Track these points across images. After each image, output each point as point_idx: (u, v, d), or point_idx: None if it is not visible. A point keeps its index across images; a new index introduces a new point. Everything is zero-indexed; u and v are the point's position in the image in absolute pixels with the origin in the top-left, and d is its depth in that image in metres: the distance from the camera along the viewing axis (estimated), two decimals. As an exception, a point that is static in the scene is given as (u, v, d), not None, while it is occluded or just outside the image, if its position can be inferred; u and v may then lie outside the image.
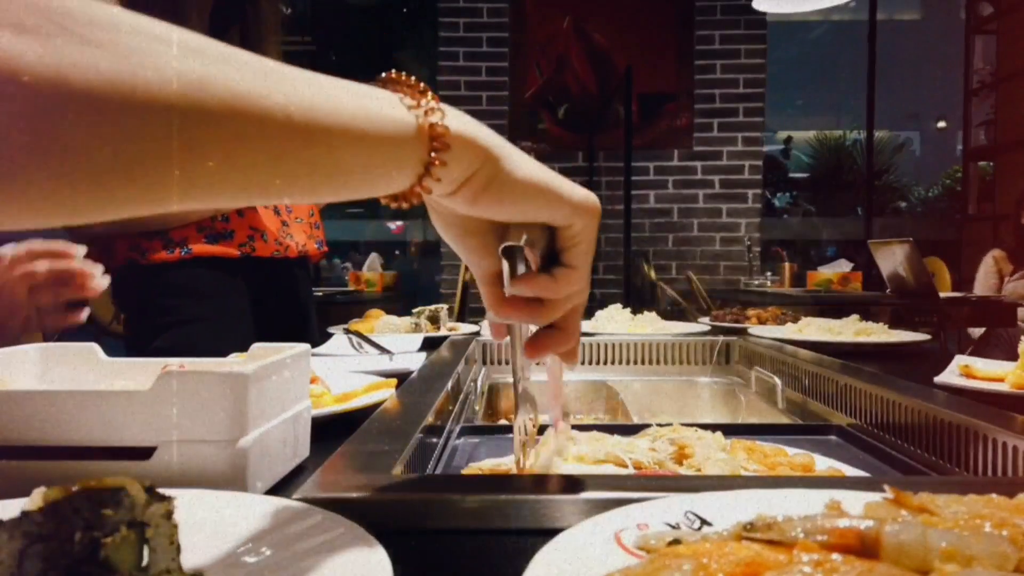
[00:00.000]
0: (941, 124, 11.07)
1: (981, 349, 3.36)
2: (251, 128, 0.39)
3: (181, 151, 0.37)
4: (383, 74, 0.49)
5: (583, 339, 1.54)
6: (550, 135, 4.66)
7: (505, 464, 0.72)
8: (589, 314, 1.81)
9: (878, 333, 1.42)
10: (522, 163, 0.50)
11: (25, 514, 0.32)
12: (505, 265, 0.53)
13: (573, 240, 0.53)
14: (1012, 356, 1.01)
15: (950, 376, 0.99)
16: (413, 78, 0.49)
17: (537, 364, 0.61)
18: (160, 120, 0.36)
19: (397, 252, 7.26)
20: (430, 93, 0.48)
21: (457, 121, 0.48)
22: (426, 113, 0.46)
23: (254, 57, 0.40)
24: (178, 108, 0.36)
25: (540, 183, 0.50)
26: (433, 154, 0.46)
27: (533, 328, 0.57)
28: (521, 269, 0.52)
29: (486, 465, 0.74)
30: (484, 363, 1.52)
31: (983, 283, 3.81)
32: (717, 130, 4.67)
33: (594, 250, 0.54)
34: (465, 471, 0.75)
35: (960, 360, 1.04)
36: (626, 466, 0.68)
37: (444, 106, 0.48)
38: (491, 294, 0.56)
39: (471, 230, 0.53)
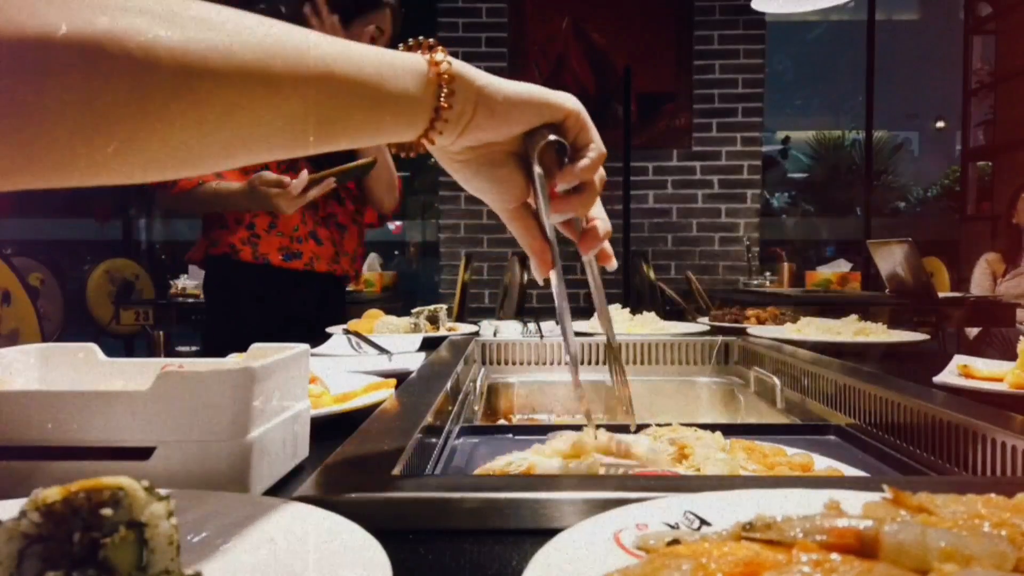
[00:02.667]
0: (940, 124, 11.08)
1: (977, 349, 3.36)
2: (313, 82, 0.46)
3: (260, 108, 0.44)
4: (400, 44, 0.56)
5: (582, 339, 1.54)
6: (549, 135, 4.66)
7: (516, 462, 0.72)
8: (588, 314, 1.81)
9: (877, 333, 1.42)
10: (505, 83, 0.57)
11: (24, 514, 0.32)
12: (539, 176, 0.59)
13: (576, 125, 0.60)
14: (1008, 356, 1.01)
15: (949, 376, 0.99)
16: (421, 38, 0.56)
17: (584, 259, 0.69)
18: (249, 84, 0.42)
19: (396, 252, 7.27)
20: (431, 40, 0.55)
21: (458, 65, 0.54)
22: (431, 59, 0.53)
23: (294, 27, 0.46)
24: (261, 74, 0.43)
25: (527, 93, 0.58)
26: (442, 96, 0.53)
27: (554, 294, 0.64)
28: (565, 163, 0.60)
29: (498, 465, 0.73)
30: (483, 363, 1.52)
31: (978, 284, 3.82)
32: (716, 130, 4.67)
33: (594, 127, 0.62)
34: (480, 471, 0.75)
35: (959, 360, 1.04)
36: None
37: (443, 51, 0.54)
38: (525, 226, 0.63)
39: (494, 162, 0.60)
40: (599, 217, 0.67)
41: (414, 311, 1.71)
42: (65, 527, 0.32)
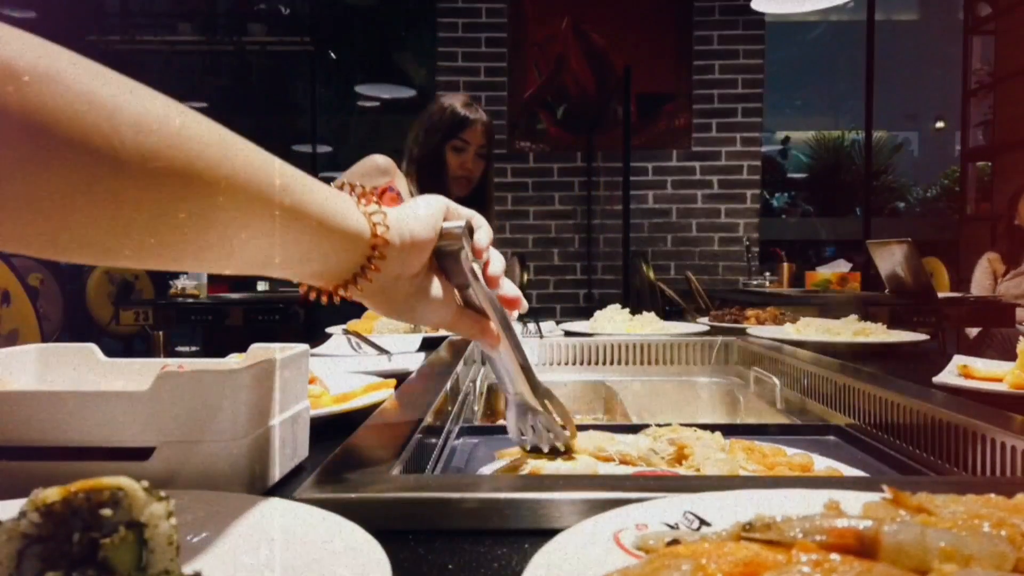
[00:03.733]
0: (939, 124, 11.08)
1: (976, 349, 3.36)
2: (214, 199, 0.42)
3: (181, 219, 0.40)
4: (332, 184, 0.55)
5: (582, 339, 1.54)
6: (549, 135, 4.66)
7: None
8: (588, 314, 1.81)
9: (876, 333, 1.42)
10: (414, 216, 0.58)
11: (24, 515, 0.32)
12: (475, 268, 0.64)
13: (451, 212, 0.63)
14: (1008, 356, 1.01)
15: (949, 376, 0.99)
16: (364, 187, 0.57)
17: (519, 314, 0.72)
18: (168, 188, 0.39)
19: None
20: (375, 197, 0.56)
21: (394, 230, 0.55)
22: (373, 226, 0.53)
23: (246, 143, 0.45)
24: (185, 179, 0.40)
25: (433, 217, 0.60)
26: (374, 255, 0.53)
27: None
28: (469, 278, 0.63)
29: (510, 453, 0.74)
30: (483, 363, 1.52)
31: (978, 284, 3.82)
32: (716, 130, 4.67)
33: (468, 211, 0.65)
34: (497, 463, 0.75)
35: (959, 360, 1.04)
36: (612, 460, 0.69)
37: (386, 209, 0.55)
38: (470, 323, 0.65)
39: (423, 289, 0.61)
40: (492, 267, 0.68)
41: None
42: (65, 527, 0.32)
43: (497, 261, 0.67)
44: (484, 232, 0.66)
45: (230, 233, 0.43)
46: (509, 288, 0.68)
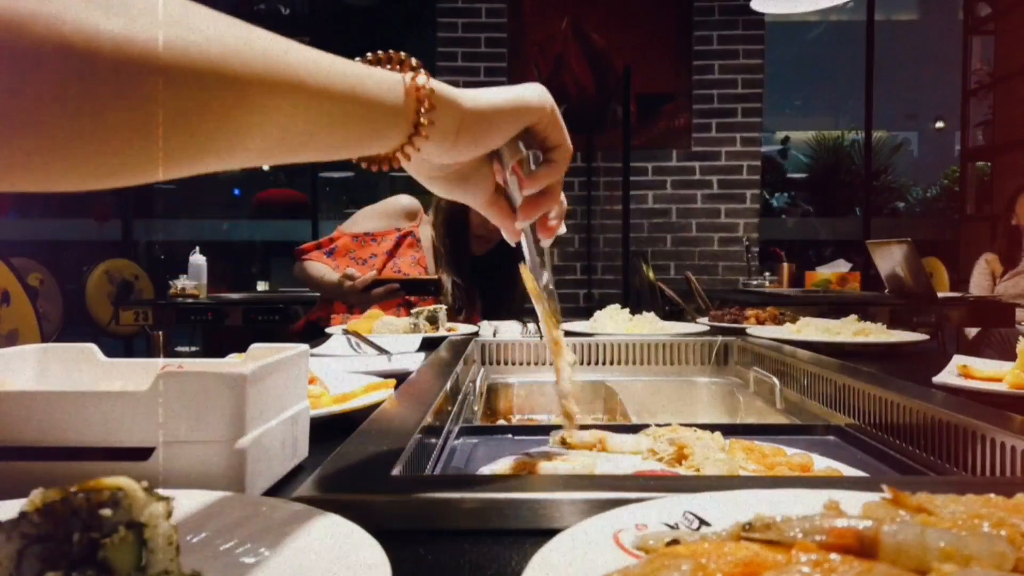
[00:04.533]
0: (939, 124, 11.08)
1: (976, 349, 3.36)
2: (283, 86, 0.42)
3: (221, 110, 0.39)
4: (368, 54, 0.54)
5: (582, 339, 1.54)
6: (548, 135, 4.65)
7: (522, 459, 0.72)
8: (588, 315, 1.81)
9: (876, 333, 1.42)
10: (483, 96, 0.57)
11: (23, 515, 0.32)
12: (512, 180, 0.62)
13: (548, 126, 0.61)
14: (1007, 356, 1.01)
15: (948, 376, 0.99)
16: (402, 53, 0.54)
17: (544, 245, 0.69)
18: (203, 84, 0.38)
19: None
20: (413, 60, 0.53)
21: (439, 84, 0.53)
22: (413, 77, 0.52)
23: (267, 32, 0.43)
24: (219, 74, 0.38)
25: (506, 103, 0.58)
26: (422, 116, 0.51)
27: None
28: (533, 168, 0.62)
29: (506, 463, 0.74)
30: (483, 363, 1.52)
31: (977, 285, 3.82)
32: (715, 130, 4.67)
33: (562, 122, 0.63)
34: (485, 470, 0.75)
35: (958, 360, 1.04)
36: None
37: (426, 73, 0.53)
38: (502, 210, 0.65)
39: (467, 171, 0.61)
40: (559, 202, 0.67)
41: (413, 311, 1.71)
42: (64, 527, 0.32)
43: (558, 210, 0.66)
44: (554, 168, 0.62)
45: (259, 120, 0.42)
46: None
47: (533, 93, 0.60)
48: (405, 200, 2.27)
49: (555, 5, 4.66)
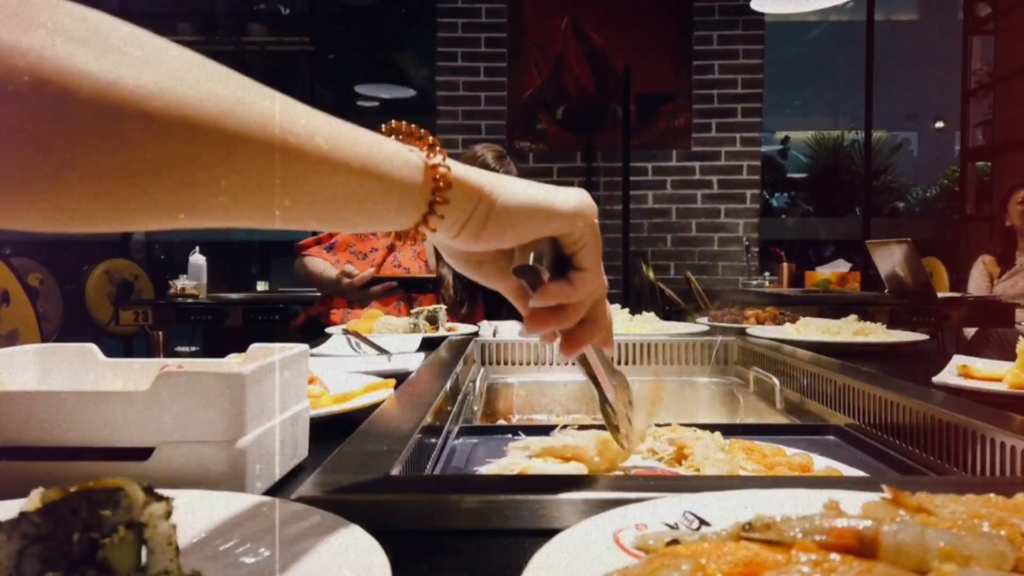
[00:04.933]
0: (939, 124, 11.08)
1: (975, 349, 3.37)
2: (277, 151, 0.40)
3: (207, 167, 0.38)
4: (385, 124, 0.52)
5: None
6: (548, 135, 4.66)
7: (521, 464, 0.72)
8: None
9: (876, 333, 1.42)
10: (514, 190, 0.52)
11: (23, 515, 0.32)
12: (523, 283, 0.55)
13: (577, 244, 0.55)
14: (1007, 356, 1.01)
15: (948, 376, 0.99)
16: (414, 125, 0.52)
17: (574, 362, 0.64)
18: (196, 137, 0.36)
19: (395, 252, 7.24)
20: (431, 137, 0.51)
21: (455, 165, 0.50)
22: (429, 155, 0.49)
23: (282, 96, 0.41)
24: (209, 127, 0.37)
25: (533, 204, 0.52)
26: (436, 194, 0.49)
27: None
28: (538, 283, 0.55)
29: (503, 463, 0.74)
30: (483, 363, 1.52)
31: (975, 286, 3.82)
32: (715, 130, 4.67)
33: (600, 245, 0.57)
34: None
35: (958, 360, 1.04)
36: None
37: (442, 151, 0.51)
38: (519, 298, 0.59)
39: (484, 260, 0.57)
40: (593, 321, 0.60)
41: (413, 311, 1.71)
42: (64, 527, 0.32)
43: (593, 329, 0.60)
44: (569, 288, 0.56)
45: (279, 188, 0.41)
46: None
47: (572, 200, 0.54)
48: None
49: (555, 5, 4.66)
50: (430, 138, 0.51)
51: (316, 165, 0.42)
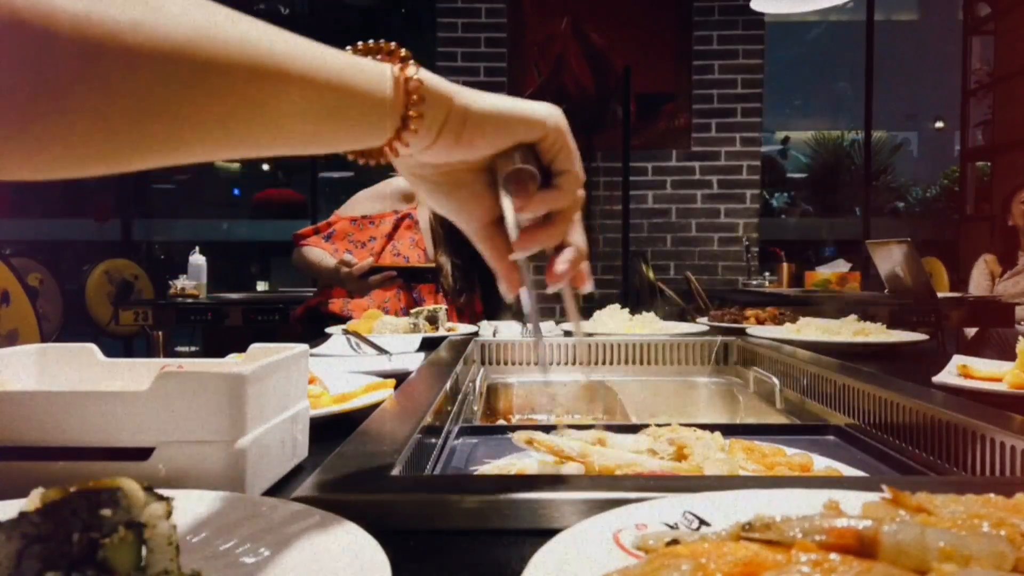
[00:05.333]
0: (939, 124, 11.08)
1: (975, 349, 3.37)
2: (255, 73, 0.40)
3: (189, 98, 0.38)
4: (359, 43, 0.51)
5: (582, 339, 1.54)
6: (548, 135, 4.65)
7: (519, 465, 0.72)
8: (587, 315, 1.81)
9: (876, 333, 1.42)
10: (486, 97, 0.53)
11: (23, 515, 0.32)
12: (507, 203, 0.55)
13: (555, 147, 0.55)
14: (1007, 356, 1.01)
15: (948, 376, 0.99)
16: (383, 41, 0.51)
17: (549, 291, 0.61)
18: (170, 69, 0.36)
19: (395, 252, 7.24)
20: (402, 51, 0.50)
21: (428, 76, 0.50)
22: (401, 68, 0.49)
23: (255, 20, 0.42)
24: (187, 58, 0.37)
25: (507, 110, 0.53)
26: (409, 108, 0.48)
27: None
28: (532, 191, 0.54)
29: (501, 464, 0.74)
30: (483, 363, 1.52)
31: (976, 285, 3.83)
32: (715, 130, 4.67)
33: (576, 149, 0.56)
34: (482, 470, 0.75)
35: (958, 360, 1.04)
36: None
37: (415, 64, 0.50)
38: (493, 246, 0.58)
39: (459, 182, 0.56)
40: (572, 243, 0.59)
41: (413, 311, 1.71)
42: (64, 527, 0.32)
43: (573, 251, 0.58)
44: (559, 193, 0.55)
45: (237, 109, 0.41)
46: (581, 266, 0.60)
47: (542, 108, 0.55)
48: (401, 182, 2.24)
49: (555, 5, 4.66)
50: (402, 51, 0.50)
51: (291, 84, 0.42)
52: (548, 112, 0.55)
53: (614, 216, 4.59)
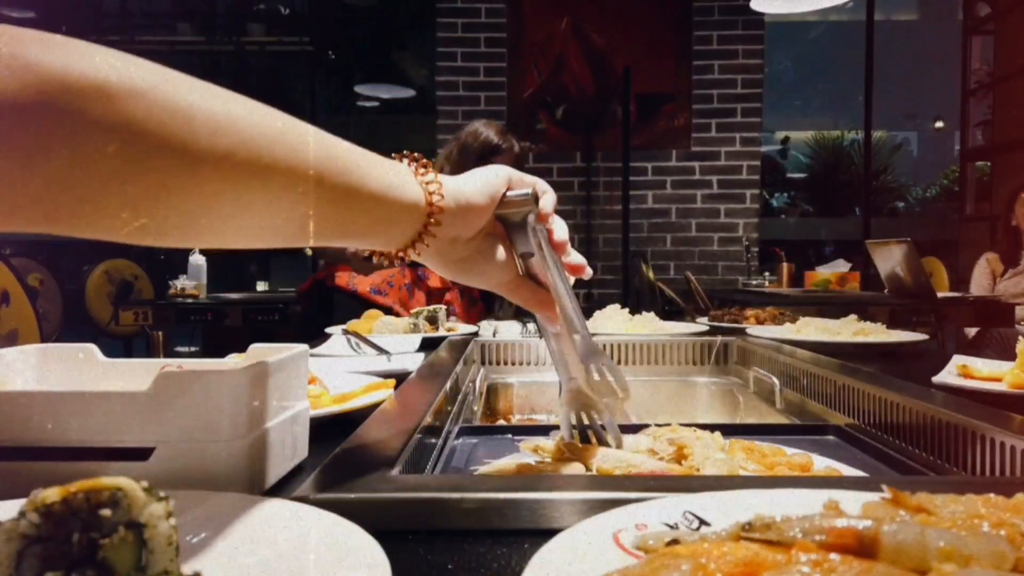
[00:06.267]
0: (938, 124, 11.09)
1: (976, 348, 3.37)
2: (300, 184, 0.46)
3: (242, 194, 0.44)
4: (393, 155, 0.58)
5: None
6: (548, 135, 4.66)
7: (519, 465, 0.72)
8: (588, 314, 1.81)
9: (876, 333, 1.42)
10: (472, 183, 0.60)
11: (23, 515, 0.32)
12: (520, 264, 0.66)
13: (517, 183, 0.64)
14: (1007, 356, 1.01)
15: (948, 376, 0.99)
16: (418, 155, 0.59)
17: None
18: (214, 180, 0.42)
19: (395, 252, 7.25)
20: (431, 166, 0.58)
21: (449, 197, 0.58)
22: (427, 183, 0.56)
23: (315, 130, 0.48)
24: (243, 159, 0.43)
25: (490, 185, 0.62)
26: (430, 222, 0.56)
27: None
28: (533, 246, 0.65)
29: (502, 463, 0.73)
30: (483, 363, 1.52)
31: (977, 284, 3.83)
32: (715, 130, 4.67)
33: (528, 177, 0.66)
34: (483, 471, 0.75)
35: (958, 360, 1.04)
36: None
37: (442, 178, 0.58)
38: (521, 296, 0.67)
39: (475, 253, 0.63)
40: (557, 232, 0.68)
41: (413, 311, 1.71)
42: (64, 528, 0.32)
43: (561, 227, 0.67)
44: (549, 198, 0.66)
45: (296, 214, 0.47)
46: (575, 255, 0.69)
47: (494, 169, 0.64)
48: None
49: (555, 5, 4.66)
50: (431, 167, 0.58)
51: (334, 194, 0.49)
52: (498, 169, 0.64)
53: (614, 216, 4.59)
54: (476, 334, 1.62)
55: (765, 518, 0.36)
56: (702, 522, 0.43)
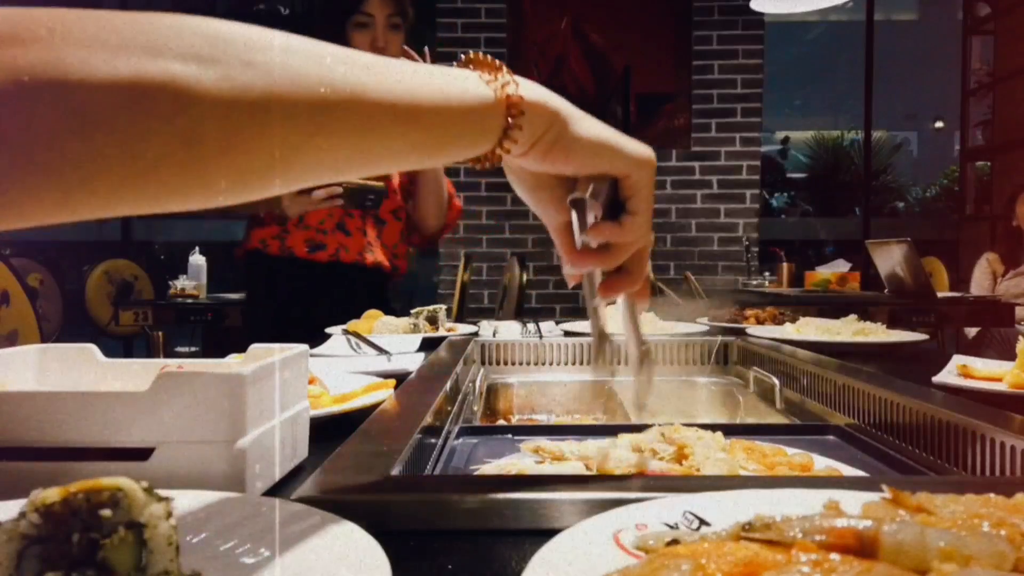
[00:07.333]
0: (938, 124, 11.09)
1: (976, 348, 3.37)
2: (367, 118, 0.46)
3: (314, 139, 0.43)
4: (461, 56, 0.57)
5: (582, 339, 1.54)
6: (548, 135, 4.65)
7: (519, 465, 0.72)
8: (586, 314, 1.80)
9: (876, 333, 1.42)
10: (587, 123, 0.57)
11: (23, 515, 0.32)
12: (574, 216, 0.59)
13: (633, 189, 0.60)
14: (1007, 356, 1.01)
15: (948, 376, 0.99)
16: (489, 56, 0.57)
17: (608, 304, 0.69)
18: (301, 119, 0.42)
19: (395, 252, 7.24)
20: (504, 68, 0.56)
21: (529, 90, 0.55)
22: (503, 86, 0.54)
23: (370, 56, 0.47)
24: (310, 106, 0.42)
25: (602, 140, 0.58)
26: (510, 119, 0.53)
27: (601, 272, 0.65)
28: (589, 219, 0.58)
29: (501, 464, 0.74)
30: (483, 363, 1.52)
31: (978, 284, 3.83)
32: (715, 130, 4.67)
33: (653, 198, 0.62)
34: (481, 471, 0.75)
35: (958, 360, 1.04)
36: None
37: (518, 78, 0.55)
38: (564, 243, 0.62)
39: (542, 184, 0.60)
40: (630, 270, 0.64)
41: (413, 311, 1.71)
42: (64, 528, 0.32)
43: (629, 278, 0.64)
44: (617, 228, 0.60)
45: (366, 144, 0.47)
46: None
47: (638, 149, 0.60)
48: None
49: (555, 5, 4.66)
50: (504, 68, 0.56)
51: (402, 122, 0.48)
52: (640, 155, 0.60)
53: (614, 216, 4.58)
54: (476, 334, 1.62)
55: (765, 518, 0.36)
56: (702, 522, 0.43)
